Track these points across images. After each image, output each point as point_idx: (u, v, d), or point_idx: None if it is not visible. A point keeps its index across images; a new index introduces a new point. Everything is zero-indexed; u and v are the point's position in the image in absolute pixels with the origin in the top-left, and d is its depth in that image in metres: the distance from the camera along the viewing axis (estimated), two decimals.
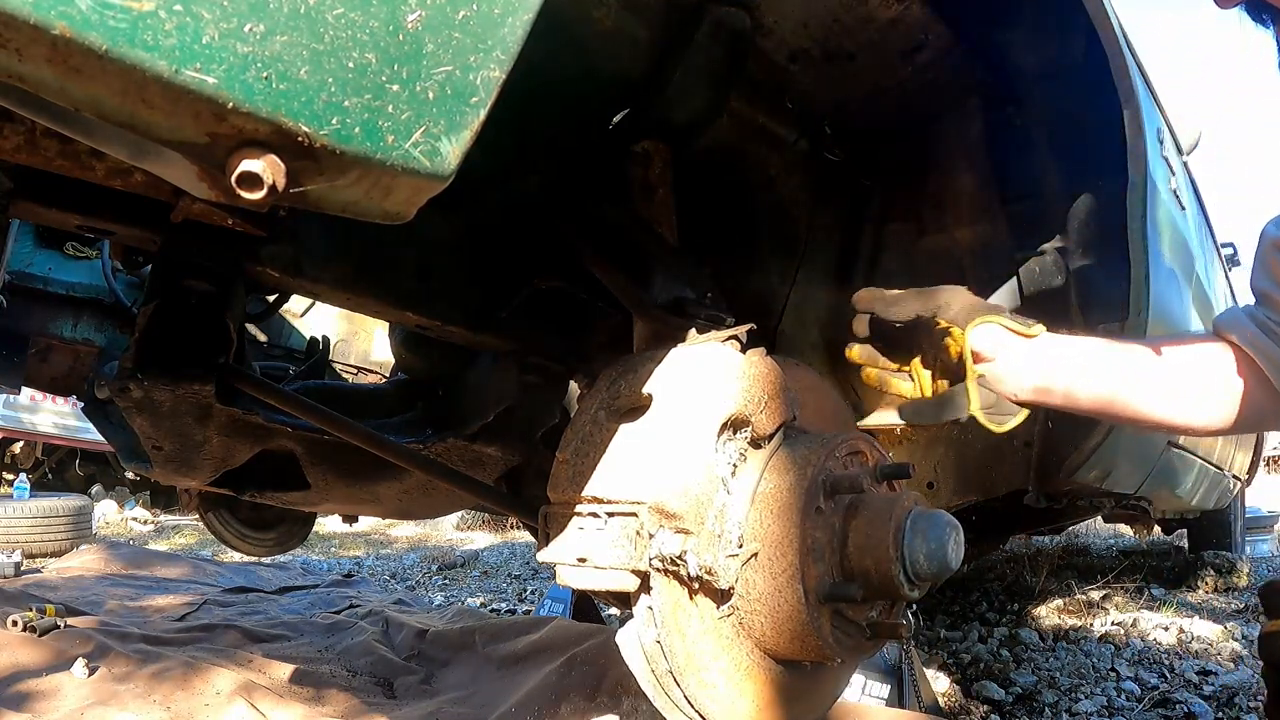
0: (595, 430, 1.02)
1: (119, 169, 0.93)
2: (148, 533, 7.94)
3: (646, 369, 1.03)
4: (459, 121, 0.59)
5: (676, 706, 0.94)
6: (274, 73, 0.51)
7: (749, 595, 0.96)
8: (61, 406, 8.36)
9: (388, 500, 2.03)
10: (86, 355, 2.12)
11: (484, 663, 2.50)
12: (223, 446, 1.62)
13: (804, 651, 0.98)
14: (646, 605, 0.93)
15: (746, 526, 0.96)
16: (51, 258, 2.09)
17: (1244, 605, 3.63)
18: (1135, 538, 6.13)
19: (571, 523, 0.99)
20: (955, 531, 0.98)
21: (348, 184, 0.58)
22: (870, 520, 0.98)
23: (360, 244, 1.33)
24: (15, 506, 5.49)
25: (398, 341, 1.93)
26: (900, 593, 0.96)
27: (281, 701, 2.11)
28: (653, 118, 1.28)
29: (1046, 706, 2.32)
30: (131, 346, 1.33)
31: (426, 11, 0.56)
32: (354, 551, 7.03)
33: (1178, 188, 1.92)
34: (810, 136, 1.58)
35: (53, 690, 2.12)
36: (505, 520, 7.64)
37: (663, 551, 0.90)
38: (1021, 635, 3.07)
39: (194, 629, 2.88)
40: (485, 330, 1.49)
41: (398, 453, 1.56)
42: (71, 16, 0.44)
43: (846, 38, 1.35)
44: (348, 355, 2.92)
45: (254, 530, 2.77)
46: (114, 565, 4.39)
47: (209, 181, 0.56)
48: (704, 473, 0.94)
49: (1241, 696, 2.33)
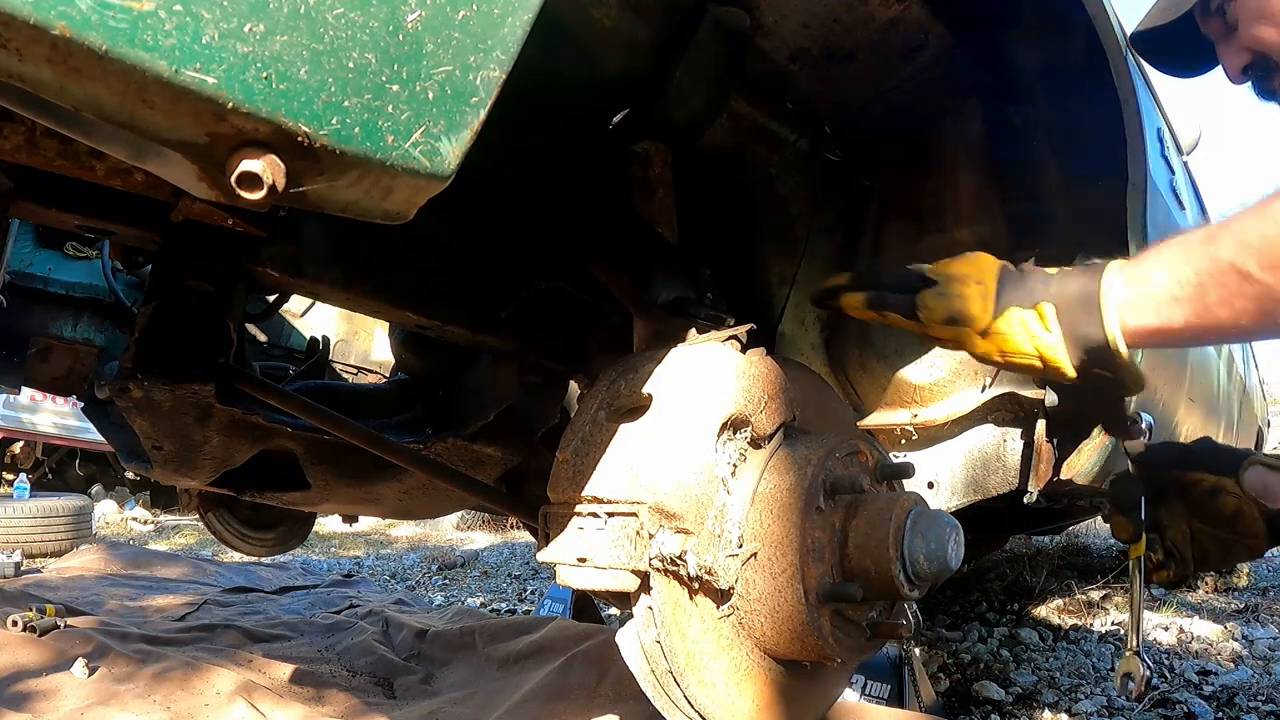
0: (595, 430, 1.02)
1: (119, 169, 0.93)
2: (148, 533, 7.94)
3: (646, 369, 1.03)
4: (459, 121, 0.59)
5: (676, 706, 0.94)
6: (274, 73, 0.51)
7: (749, 595, 0.96)
8: (61, 406, 8.36)
9: (388, 500, 2.03)
10: (86, 355, 2.12)
11: (484, 663, 2.49)
12: (223, 446, 1.62)
13: (804, 651, 0.98)
14: (646, 605, 0.93)
15: (746, 526, 0.96)
16: (51, 258, 2.09)
17: (1244, 605, 3.63)
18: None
19: (571, 523, 0.99)
20: (955, 531, 0.98)
21: (348, 184, 0.58)
22: (870, 520, 0.98)
23: (360, 244, 1.33)
24: (15, 506, 5.49)
25: (398, 341, 1.93)
26: (900, 593, 0.96)
27: (281, 701, 2.11)
28: (653, 118, 1.27)
29: (1046, 706, 2.32)
30: (131, 346, 1.33)
31: (426, 11, 0.56)
32: (354, 551, 7.03)
33: (1178, 187, 1.92)
34: (810, 136, 1.58)
35: (53, 690, 2.12)
36: (505, 520, 7.64)
37: (663, 551, 0.90)
38: (1021, 635, 3.07)
39: (194, 629, 2.87)
40: (485, 330, 1.49)
41: (398, 453, 1.56)
42: (71, 16, 0.44)
43: (846, 37, 1.35)
44: (348, 355, 2.92)
45: (254, 530, 2.77)
46: (114, 565, 4.39)
47: (209, 181, 0.56)
48: (704, 473, 0.94)
49: (1241, 696, 2.33)
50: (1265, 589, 4.13)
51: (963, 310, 0.96)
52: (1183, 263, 0.89)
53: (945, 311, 0.97)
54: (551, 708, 2.01)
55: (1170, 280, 0.89)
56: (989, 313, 0.95)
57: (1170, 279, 0.89)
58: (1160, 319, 0.90)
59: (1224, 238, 0.86)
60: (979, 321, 0.95)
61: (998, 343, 0.95)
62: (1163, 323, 0.89)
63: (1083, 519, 4.07)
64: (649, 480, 0.92)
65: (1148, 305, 0.90)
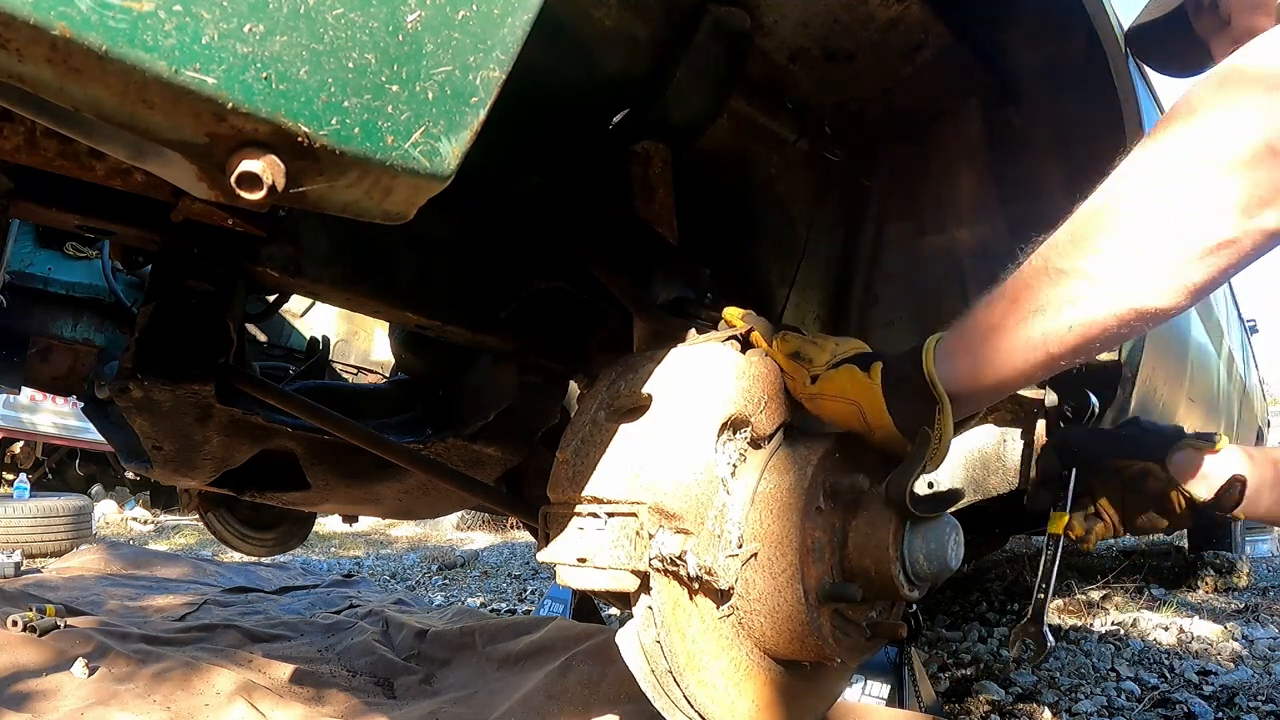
0: (595, 430, 1.02)
1: (119, 169, 0.94)
2: (148, 533, 7.94)
3: (646, 369, 1.03)
4: (458, 122, 0.59)
5: (676, 707, 0.94)
6: (274, 73, 0.51)
7: (749, 595, 0.96)
8: (61, 406, 8.36)
9: (388, 500, 2.03)
10: (86, 355, 2.13)
11: (484, 663, 2.49)
12: (223, 446, 1.62)
13: (804, 652, 0.98)
14: (646, 605, 0.93)
15: (746, 526, 0.96)
16: (51, 258, 2.10)
17: (1244, 605, 3.63)
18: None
19: (571, 523, 0.99)
20: (955, 532, 0.98)
21: (347, 184, 0.58)
22: (870, 520, 0.98)
23: (360, 244, 1.33)
24: (15, 506, 5.49)
25: (398, 341, 1.93)
26: (900, 593, 0.96)
27: (281, 701, 2.11)
28: (653, 118, 1.27)
29: (1046, 706, 2.32)
30: (131, 346, 1.33)
31: (426, 12, 0.56)
32: (354, 551, 7.03)
33: None
34: (810, 136, 1.58)
35: (53, 690, 2.12)
36: (505, 520, 7.64)
37: (662, 552, 0.90)
38: None
39: (194, 629, 2.87)
40: (485, 330, 1.49)
41: (398, 453, 1.57)
42: (71, 17, 0.44)
43: (846, 37, 1.35)
44: (348, 355, 2.92)
45: (254, 530, 2.77)
46: (114, 565, 4.39)
47: (209, 181, 0.56)
48: (704, 473, 0.94)
49: (1241, 696, 2.33)
50: (1265, 589, 4.13)
51: (808, 353, 1.01)
52: (996, 293, 0.89)
53: (795, 348, 1.02)
54: (551, 708, 2.01)
55: (986, 311, 0.89)
56: (826, 366, 0.98)
57: (985, 311, 0.89)
58: (982, 355, 0.88)
59: (1027, 261, 0.87)
60: (815, 366, 0.99)
61: (822, 386, 0.98)
62: (986, 356, 0.88)
63: None
64: (649, 480, 0.92)
65: (970, 343, 0.89)
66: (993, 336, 0.87)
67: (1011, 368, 0.86)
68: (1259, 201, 0.71)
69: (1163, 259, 0.76)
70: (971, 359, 0.89)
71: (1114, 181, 0.82)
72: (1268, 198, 0.71)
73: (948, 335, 0.92)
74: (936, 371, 0.89)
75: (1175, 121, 0.78)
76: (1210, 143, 0.74)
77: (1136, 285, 0.77)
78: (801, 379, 1.00)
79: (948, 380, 0.89)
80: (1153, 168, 0.78)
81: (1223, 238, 0.74)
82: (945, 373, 0.90)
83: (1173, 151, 0.77)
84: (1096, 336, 0.81)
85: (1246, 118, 0.72)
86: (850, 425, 0.98)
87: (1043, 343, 0.83)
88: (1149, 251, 0.76)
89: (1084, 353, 0.83)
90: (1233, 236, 0.73)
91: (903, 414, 0.92)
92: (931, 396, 0.89)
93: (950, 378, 0.90)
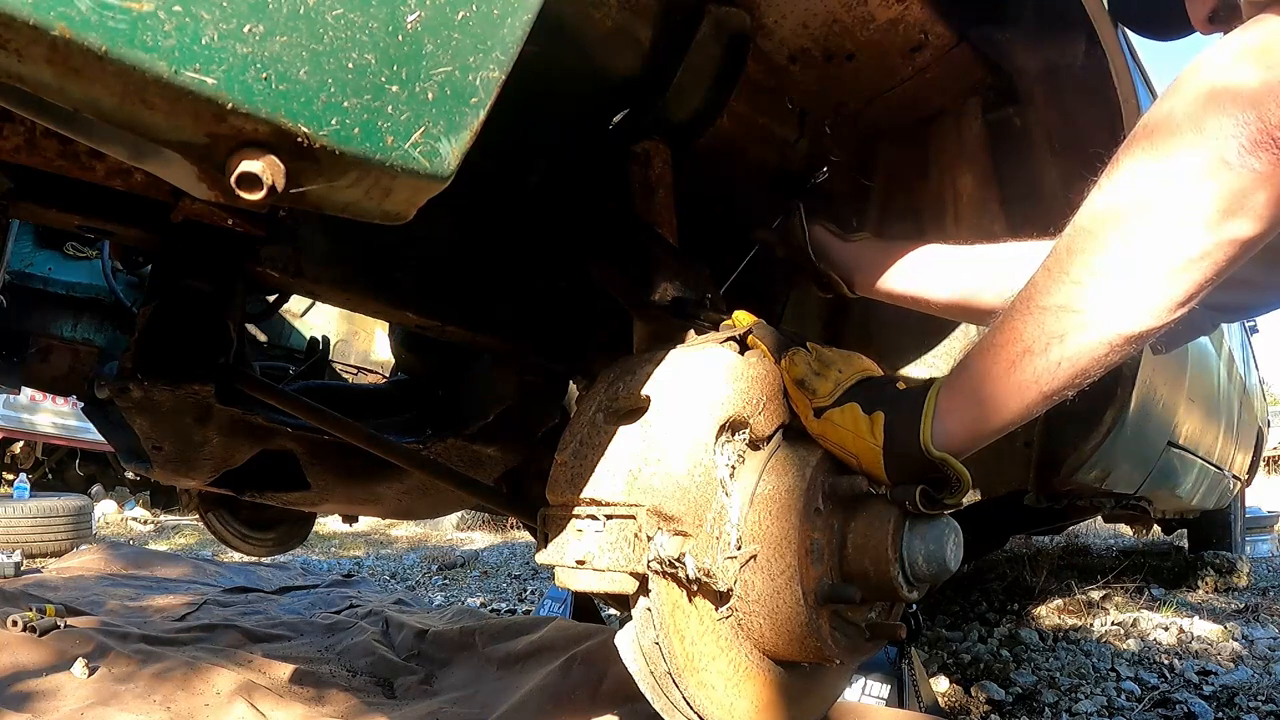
0: (593, 432, 1.02)
1: (119, 169, 0.94)
2: (148, 533, 7.94)
3: (645, 370, 1.03)
4: (458, 122, 0.59)
5: (675, 708, 0.94)
6: (273, 73, 0.51)
7: (748, 597, 0.96)
8: (61, 406, 8.37)
9: (388, 500, 2.03)
10: (86, 355, 2.12)
11: (484, 663, 2.49)
12: (223, 446, 1.62)
13: (803, 653, 0.98)
14: (645, 607, 0.93)
15: (745, 528, 0.96)
16: (51, 258, 2.09)
17: (1244, 605, 3.64)
18: (1135, 538, 6.14)
19: (570, 525, 0.99)
20: (954, 532, 0.98)
21: (347, 184, 0.58)
22: (869, 521, 0.98)
23: (360, 244, 1.33)
24: (15, 506, 5.49)
25: (398, 341, 1.93)
26: (899, 594, 0.96)
27: (281, 701, 2.11)
28: (653, 118, 1.27)
29: (1046, 706, 2.32)
30: (131, 346, 1.33)
31: (426, 12, 0.56)
32: (354, 551, 7.03)
33: None
34: (810, 136, 1.58)
35: (53, 690, 2.12)
36: (505, 520, 7.64)
37: (661, 554, 0.90)
38: (1021, 635, 3.07)
39: (194, 629, 2.87)
40: (485, 330, 1.49)
41: (398, 453, 1.56)
42: (71, 17, 0.44)
43: (846, 38, 1.35)
44: (348, 355, 2.92)
45: (254, 530, 2.77)
46: (114, 565, 4.39)
47: (208, 182, 0.56)
48: (702, 475, 0.94)
49: (1241, 696, 2.33)
50: (1265, 589, 4.14)
51: (813, 384, 1.01)
52: (985, 342, 0.89)
53: (801, 376, 1.02)
54: (551, 708, 2.01)
55: (978, 361, 0.90)
56: (831, 398, 0.99)
57: (977, 360, 0.90)
58: (979, 407, 0.89)
59: (1010, 305, 0.87)
60: (819, 399, 1.00)
61: (825, 428, 0.99)
62: (983, 408, 0.89)
63: (1083, 519, 4.07)
64: (647, 482, 0.92)
65: (966, 398, 0.90)
66: (987, 385, 0.88)
67: (1009, 412, 0.88)
68: (1223, 213, 0.72)
69: (1139, 283, 0.77)
70: (968, 414, 0.90)
71: (1082, 215, 0.83)
72: (1231, 208, 0.72)
73: (944, 392, 0.93)
74: (934, 435, 0.91)
75: (1133, 147, 0.79)
76: (1166, 161, 0.75)
77: (1118, 312, 0.79)
78: (805, 412, 1.02)
79: (948, 440, 0.91)
80: (1117, 199, 0.79)
81: (1194, 253, 0.75)
82: (945, 431, 0.91)
83: (1133, 176, 0.78)
84: (1087, 367, 0.83)
85: (1198, 133, 0.73)
86: (849, 464, 1.00)
87: (1034, 382, 0.85)
88: (1125, 278, 0.78)
89: (1079, 383, 0.84)
90: (1204, 250, 0.74)
91: (901, 474, 0.95)
92: (930, 461, 0.91)
93: (951, 434, 0.91)
